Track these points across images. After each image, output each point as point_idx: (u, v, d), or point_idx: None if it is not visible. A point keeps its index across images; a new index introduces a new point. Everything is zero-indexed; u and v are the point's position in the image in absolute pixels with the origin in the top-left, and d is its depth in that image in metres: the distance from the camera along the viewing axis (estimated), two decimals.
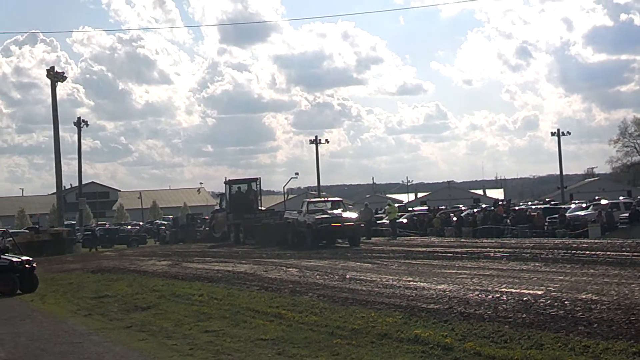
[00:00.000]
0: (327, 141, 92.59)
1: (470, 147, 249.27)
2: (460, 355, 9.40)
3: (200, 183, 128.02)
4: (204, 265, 27.23)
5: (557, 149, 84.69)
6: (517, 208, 49.89)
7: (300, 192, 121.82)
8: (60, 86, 58.58)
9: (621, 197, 62.28)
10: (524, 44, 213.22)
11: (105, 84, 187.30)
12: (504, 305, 12.84)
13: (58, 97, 57.85)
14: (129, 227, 73.56)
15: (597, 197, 61.46)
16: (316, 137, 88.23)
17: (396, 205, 58.59)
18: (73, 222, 67.58)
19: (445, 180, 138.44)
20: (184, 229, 57.33)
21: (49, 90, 58.05)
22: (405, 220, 51.07)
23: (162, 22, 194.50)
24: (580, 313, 11.61)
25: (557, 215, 41.41)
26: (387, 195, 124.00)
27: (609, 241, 29.26)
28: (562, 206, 51.54)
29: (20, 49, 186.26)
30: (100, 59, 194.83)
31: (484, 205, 61.00)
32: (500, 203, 55.65)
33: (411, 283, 17.11)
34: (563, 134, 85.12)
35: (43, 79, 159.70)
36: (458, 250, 28.03)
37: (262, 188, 49.11)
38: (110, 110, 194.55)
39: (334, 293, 16.11)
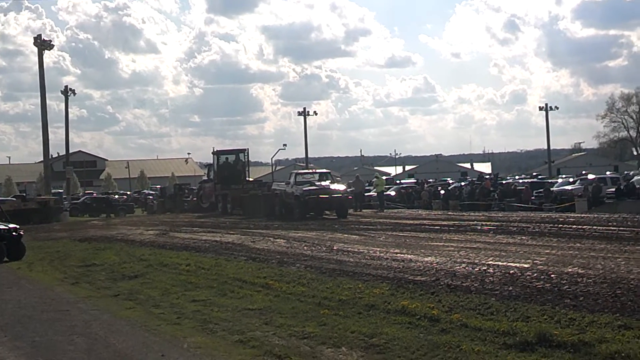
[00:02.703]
0: (315, 113, 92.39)
1: (458, 120, 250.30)
2: (446, 327, 9.44)
3: (188, 153, 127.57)
4: (191, 235, 27.25)
5: (544, 124, 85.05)
6: (504, 182, 50.02)
7: (288, 164, 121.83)
8: (46, 54, 58.23)
9: (608, 172, 62.49)
10: (513, 17, 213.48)
11: (92, 52, 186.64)
12: (490, 278, 12.89)
13: (44, 65, 57.47)
14: (117, 196, 73.32)
15: (584, 172, 61.74)
16: (304, 108, 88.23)
17: (384, 177, 58.68)
18: (60, 190, 67.27)
19: (433, 154, 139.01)
20: (171, 198, 57.18)
21: (34, 58, 57.87)
22: (393, 193, 51.13)
23: None
24: (567, 286, 11.68)
25: (543, 190, 41.54)
26: (375, 167, 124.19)
27: (595, 215, 29.37)
28: (549, 180, 51.70)
29: (5, 15, 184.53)
30: (86, 27, 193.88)
31: (471, 179, 61.08)
32: (486, 177, 55.83)
33: (398, 255, 17.16)
34: (551, 108, 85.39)
35: (29, 47, 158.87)
36: (445, 223, 28.09)
37: (249, 159, 49.06)
38: (96, 79, 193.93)
39: (321, 264, 16.15)
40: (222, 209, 45.14)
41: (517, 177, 70.43)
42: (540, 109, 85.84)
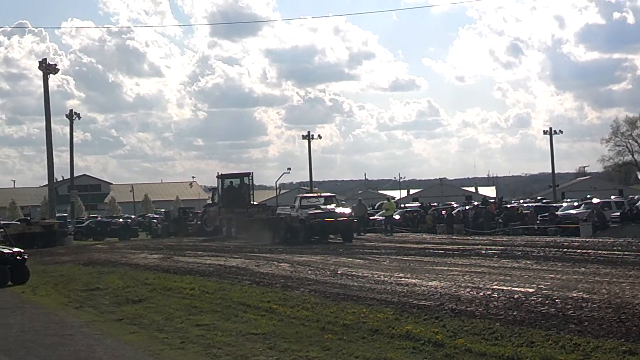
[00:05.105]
0: (319, 136, 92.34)
1: (462, 144, 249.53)
2: (451, 352, 9.42)
3: (193, 177, 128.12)
4: (195, 259, 27.21)
5: (549, 147, 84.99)
6: (509, 206, 49.98)
7: (292, 187, 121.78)
8: (50, 78, 58.22)
9: (613, 196, 62.34)
10: (516, 41, 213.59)
11: (96, 76, 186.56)
12: (495, 303, 12.86)
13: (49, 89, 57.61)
14: (121, 220, 73.35)
15: (588, 196, 61.58)
16: (308, 132, 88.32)
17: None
18: (65, 214, 67.39)
19: (438, 177, 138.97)
20: (175, 222, 57.17)
21: (38, 82, 58.82)
22: (397, 217, 51.07)
23: (151, 15, 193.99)
24: (571, 311, 11.65)
25: (547, 214, 41.50)
26: (380, 191, 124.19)
27: (600, 240, 29.33)
28: (554, 204, 51.65)
29: (8, 39, 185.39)
30: (90, 50, 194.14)
31: (476, 203, 61.00)
32: (491, 201, 55.75)
33: (403, 279, 17.13)
34: (555, 132, 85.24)
35: (33, 70, 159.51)
36: (450, 247, 28.06)
37: (254, 183, 49.14)
38: (100, 102, 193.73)
39: (325, 288, 16.12)
40: (226, 232, 45.15)
41: (521, 201, 70.31)
42: (545, 132, 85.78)
